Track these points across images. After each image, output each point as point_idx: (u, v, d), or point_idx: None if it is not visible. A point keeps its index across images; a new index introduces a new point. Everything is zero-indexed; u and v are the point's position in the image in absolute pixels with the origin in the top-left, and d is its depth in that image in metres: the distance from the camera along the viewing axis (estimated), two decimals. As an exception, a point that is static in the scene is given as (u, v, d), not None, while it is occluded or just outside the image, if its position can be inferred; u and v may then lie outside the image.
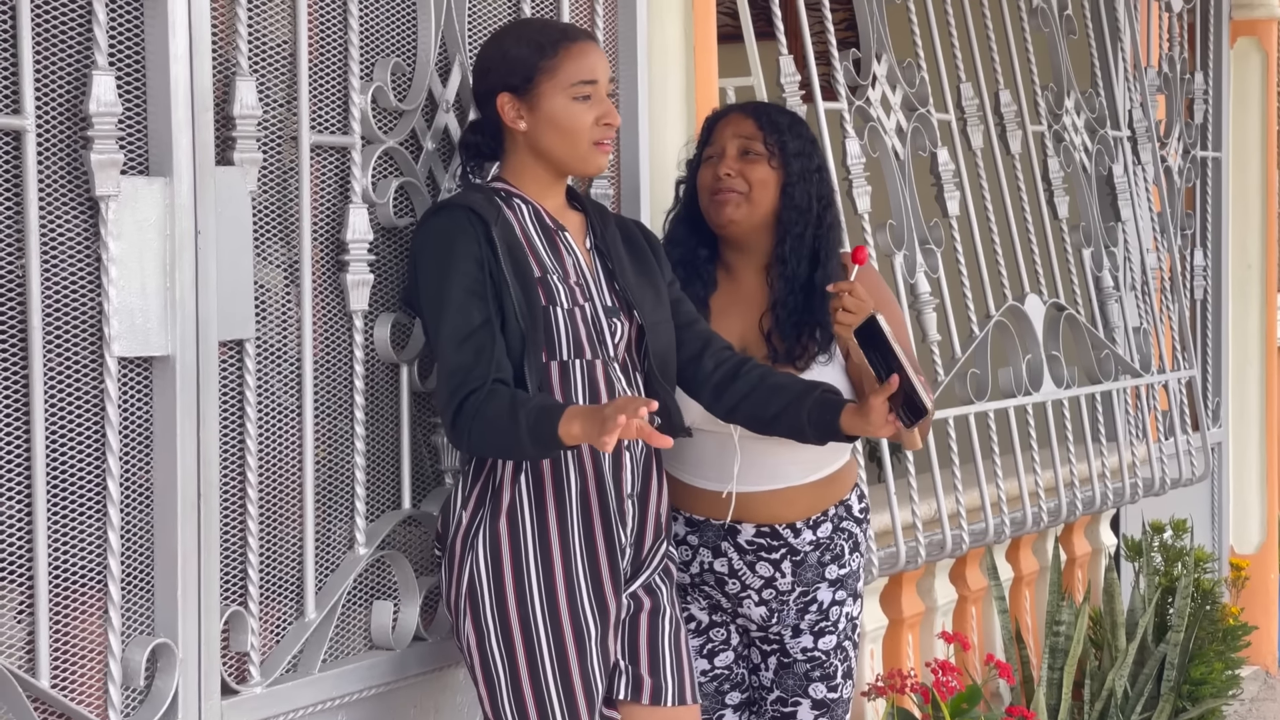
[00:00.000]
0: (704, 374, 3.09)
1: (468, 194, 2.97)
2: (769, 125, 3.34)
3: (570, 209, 3.06)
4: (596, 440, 2.66)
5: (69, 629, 2.60)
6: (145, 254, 2.65)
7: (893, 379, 2.84)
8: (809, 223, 3.33)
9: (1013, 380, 4.90)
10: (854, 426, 2.94)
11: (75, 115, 2.58)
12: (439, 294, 2.87)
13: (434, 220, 2.92)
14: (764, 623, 3.40)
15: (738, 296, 3.38)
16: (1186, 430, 5.92)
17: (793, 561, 3.36)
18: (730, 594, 3.39)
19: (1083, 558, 5.65)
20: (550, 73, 2.94)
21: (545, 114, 2.95)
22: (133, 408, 2.68)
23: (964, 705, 4.29)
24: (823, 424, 2.98)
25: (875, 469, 4.72)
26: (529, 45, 2.96)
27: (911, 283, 4.53)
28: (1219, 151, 6.73)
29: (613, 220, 3.12)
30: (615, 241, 3.06)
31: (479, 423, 2.80)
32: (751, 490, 3.33)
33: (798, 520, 3.36)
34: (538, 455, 2.81)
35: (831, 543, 3.39)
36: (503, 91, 2.96)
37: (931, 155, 4.69)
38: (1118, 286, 5.58)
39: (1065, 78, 5.42)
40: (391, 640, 3.11)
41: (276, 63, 2.93)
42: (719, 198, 3.32)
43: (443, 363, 2.86)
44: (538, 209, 2.99)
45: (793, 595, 3.38)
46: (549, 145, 2.97)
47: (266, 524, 2.91)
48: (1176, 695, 5.28)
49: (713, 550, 3.37)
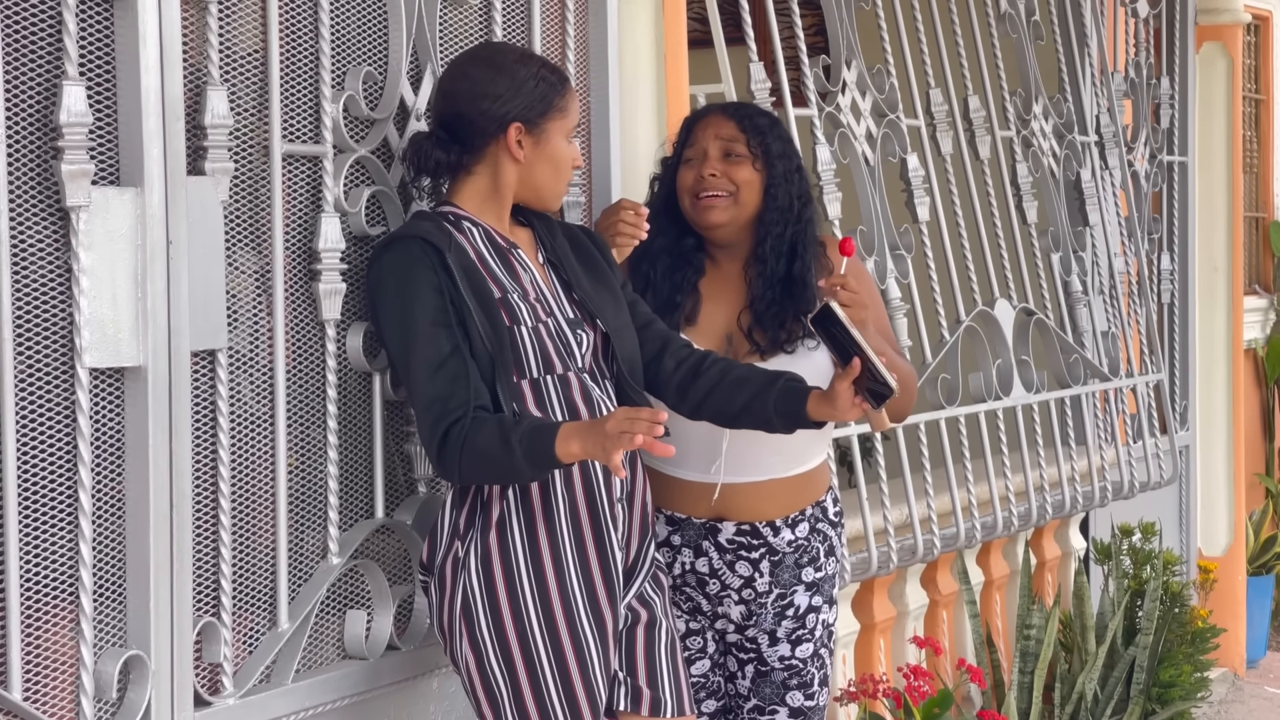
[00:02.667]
0: (666, 374, 3.09)
1: (417, 224, 2.95)
2: (751, 127, 3.35)
3: (517, 225, 3.07)
4: (601, 458, 2.68)
5: (41, 641, 2.59)
6: (116, 264, 2.64)
7: (854, 363, 2.85)
8: (789, 221, 3.35)
9: (983, 385, 4.92)
10: (820, 412, 2.94)
11: (45, 125, 2.57)
12: (404, 327, 2.86)
13: (387, 255, 2.90)
14: (742, 622, 3.40)
15: (722, 285, 3.40)
16: (1155, 433, 5.95)
17: (771, 562, 3.37)
18: (711, 594, 3.39)
19: (1052, 561, 5.67)
20: (561, 112, 2.98)
21: (548, 151, 2.97)
22: (104, 419, 2.67)
23: (936, 710, 4.30)
24: (789, 412, 2.98)
25: (846, 474, 4.72)
26: (544, 82, 2.97)
27: (882, 288, 4.53)
28: (1185, 156, 6.76)
29: (559, 229, 3.12)
30: (566, 252, 3.07)
31: (468, 454, 2.80)
32: (735, 481, 3.34)
33: (777, 518, 3.37)
34: (534, 478, 2.83)
35: (808, 544, 3.40)
36: (516, 121, 2.95)
37: (901, 161, 4.70)
38: (1086, 291, 5.61)
39: (1033, 83, 5.44)
40: (365, 650, 3.10)
41: (248, 72, 2.93)
42: (704, 201, 3.33)
43: (418, 395, 2.85)
44: (488, 230, 2.99)
45: (770, 598, 3.38)
46: (539, 180, 2.99)
47: (239, 534, 2.90)
48: (1146, 698, 5.30)
49: (694, 550, 3.38)
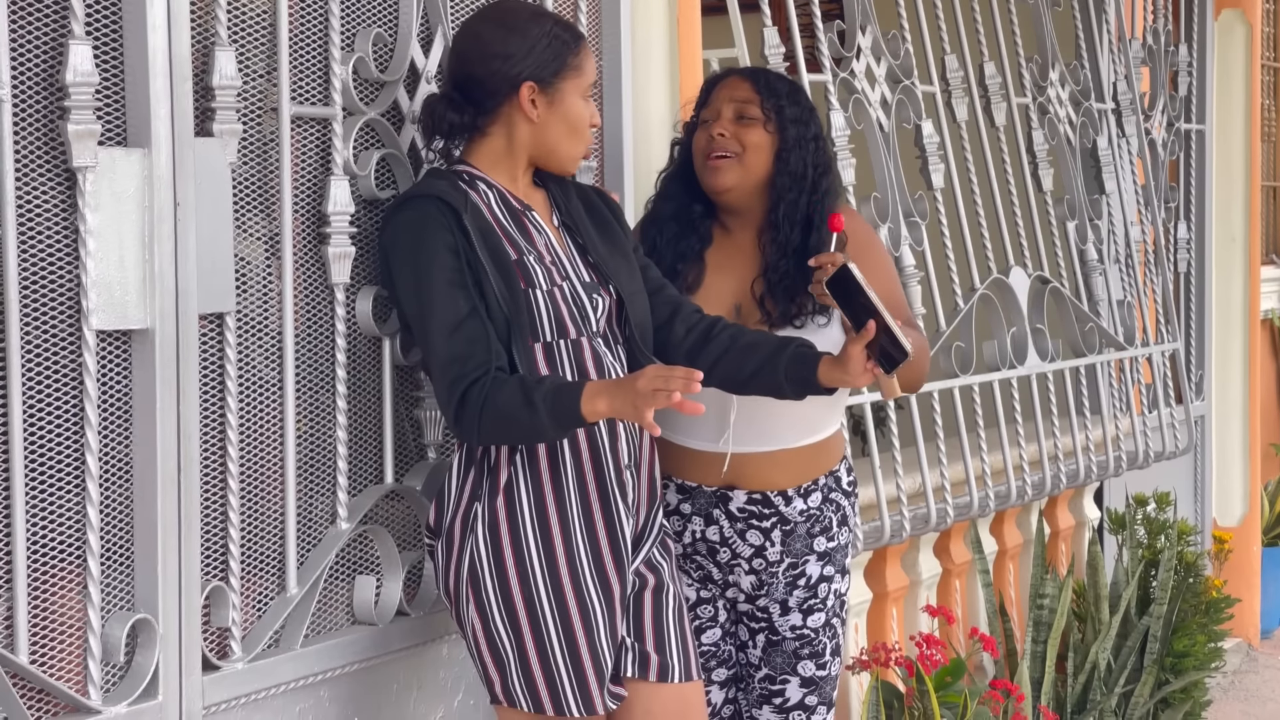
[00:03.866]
0: (676, 339, 3.07)
1: (432, 182, 2.92)
2: (766, 90, 3.32)
3: (533, 187, 3.04)
4: (631, 415, 2.69)
5: (48, 605, 2.59)
6: (123, 226, 2.62)
7: (869, 325, 2.82)
8: (804, 189, 3.31)
9: (997, 353, 4.90)
10: (831, 378, 2.91)
11: (52, 85, 2.55)
12: (420, 288, 2.83)
13: (402, 214, 2.88)
14: (753, 592, 3.38)
15: (733, 254, 3.36)
16: (1170, 403, 5.92)
17: (783, 531, 3.35)
18: (721, 563, 3.38)
19: (1066, 531, 5.65)
20: (576, 71, 2.94)
21: (562, 111, 2.94)
22: (112, 382, 2.66)
23: (948, 679, 4.28)
24: (799, 378, 2.95)
25: (860, 442, 4.70)
26: (557, 39, 2.93)
27: (896, 255, 4.51)
28: (1203, 124, 6.72)
29: (574, 191, 3.08)
30: (581, 216, 3.04)
31: (489, 414, 2.78)
32: (746, 451, 3.32)
33: (789, 487, 3.35)
34: (557, 437, 2.83)
35: (821, 514, 3.38)
36: (529, 80, 2.92)
37: (916, 128, 4.67)
38: (1102, 259, 5.57)
39: (1050, 50, 5.40)
40: (374, 615, 3.09)
41: (256, 33, 2.90)
42: (712, 162, 3.30)
43: (436, 356, 2.83)
44: (502, 191, 2.96)
45: (781, 567, 3.37)
46: (554, 141, 2.95)
47: (247, 499, 2.89)
48: (1159, 668, 5.29)
49: (705, 518, 3.36)
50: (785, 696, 3.39)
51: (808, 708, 3.40)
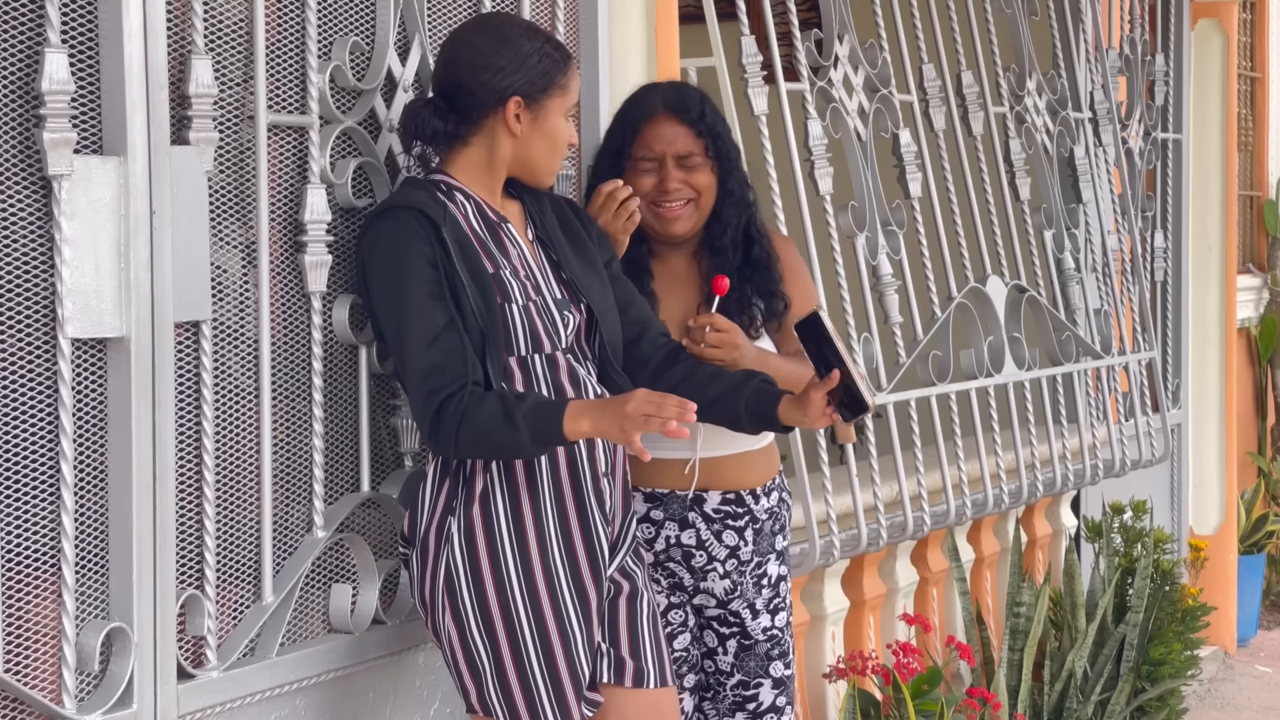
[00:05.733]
0: (642, 358, 3.08)
1: (410, 193, 2.91)
2: (705, 131, 3.30)
3: (507, 198, 3.04)
4: (618, 438, 2.70)
5: (22, 613, 2.58)
6: (99, 234, 2.62)
7: (833, 374, 2.84)
8: (743, 209, 3.35)
9: (974, 362, 4.91)
10: (790, 417, 2.93)
11: (27, 93, 2.55)
12: (398, 300, 2.83)
13: (380, 224, 2.87)
14: (726, 597, 3.41)
15: (674, 279, 3.40)
16: (1146, 412, 5.93)
17: (753, 530, 3.41)
18: (696, 568, 3.40)
19: (1043, 539, 5.67)
20: (563, 90, 2.95)
21: (546, 127, 2.95)
22: (87, 390, 2.65)
23: (925, 687, 4.29)
24: (759, 412, 2.97)
25: (837, 451, 4.71)
26: (547, 57, 2.94)
27: (874, 264, 4.52)
28: (1179, 133, 6.74)
29: (548, 203, 3.09)
30: (555, 230, 3.04)
31: (466, 429, 2.78)
32: (716, 455, 3.36)
33: (757, 486, 3.41)
34: (537, 454, 2.83)
35: (779, 512, 3.46)
36: (517, 95, 2.92)
37: (893, 136, 4.68)
38: (1079, 268, 5.59)
39: (1027, 59, 5.42)
40: (350, 624, 3.09)
41: (233, 41, 2.90)
42: (666, 210, 3.30)
43: (412, 367, 2.82)
44: (479, 202, 2.97)
45: (749, 567, 3.41)
46: (534, 156, 2.96)
47: (223, 507, 2.88)
48: (1136, 676, 5.30)
49: (680, 522, 3.38)
50: (759, 701, 3.43)
51: (778, 709, 3.45)
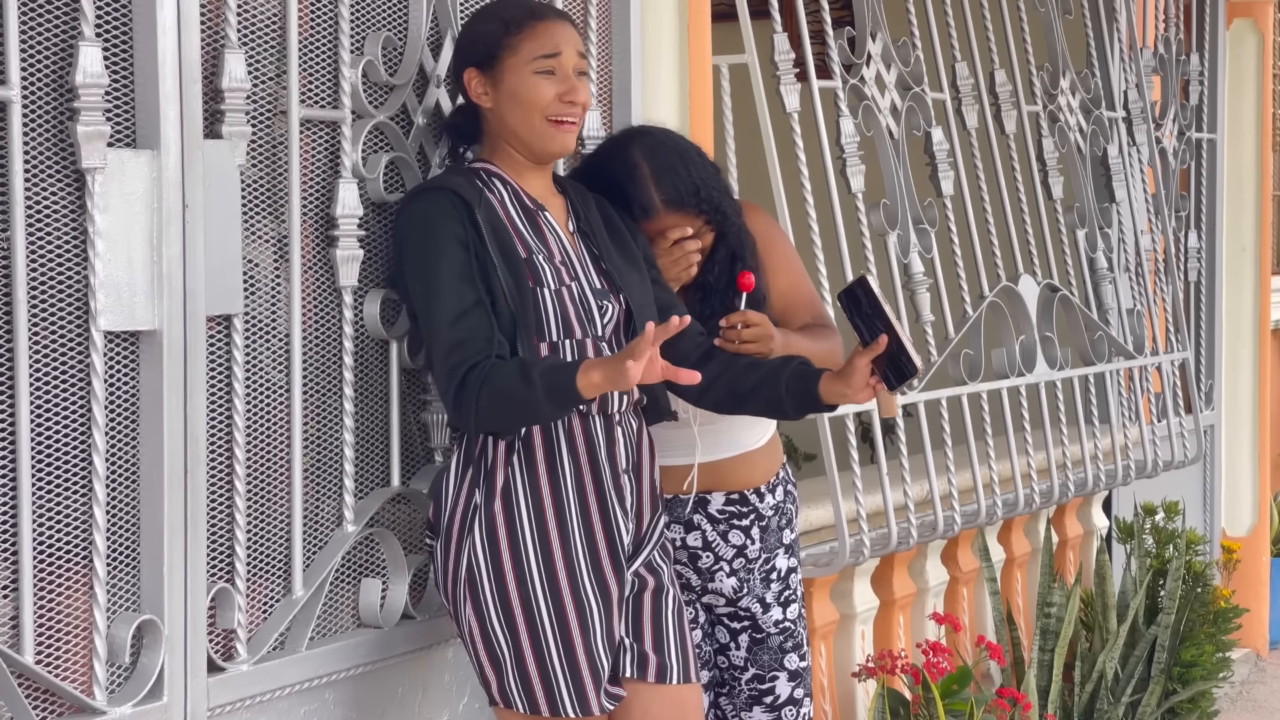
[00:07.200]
0: (679, 355, 3.06)
1: (449, 176, 2.96)
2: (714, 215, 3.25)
3: (553, 192, 3.05)
4: (623, 385, 2.69)
5: (54, 605, 2.59)
6: (132, 227, 2.62)
7: (881, 339, 2.81)
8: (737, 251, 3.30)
9: (1006, 361, 4.89)
10: (832, 392, 2.91)
11: (61, 87, 2.56)
12: (428, 278, 2.85)
13: (415, 204, 2.90)
14: (734, 595, 3.43)
15: None
16: (1179, 412, 5.91)
17: (760, 528, 3.42)
18: (703, 569, 3.41)
19: (1074, 539, 5.64)
20: (513, 49, 2.94)
21: (507, 90, 2.95)
22: (119, 383, 2.66)
23: (954, 686, 4.28)
24: (801, 391, 2.95)
25: (868, 449, 4.70)
26: (496, 21, 2.97)
27: (905, 262, 4.51)
28: (1214, 133, 6.71)
29: (594, 202, 3.10)
30: (599, 225, 3.05)
31: (487, 394, 2.78)
32: (717, 459, 3.37)
33: (761, 484, 3.42)
34: (553, 416, 2.82)
35: (784, 507, 3.47)
36: (470, 67, 2.98)
37: (926, 135, 4.67)
38: (1112, 268, 5.57)
39: (1061, 58, 5.40)
40: (379, 618, 3.09)
41: (266, 35, 2.91)
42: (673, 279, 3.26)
43: (439, 342, 2.83)
44: (517, 189, 2.98)
45: (757, 564, 3.43)
46: (512, 123, 2.96)
47: (254, 500, 2.89)
48: (1167, 677, 5.28)
49: (685, 525, 3.40)
50: (776, 694, 3.45)
51: (796, 701, 3.46)
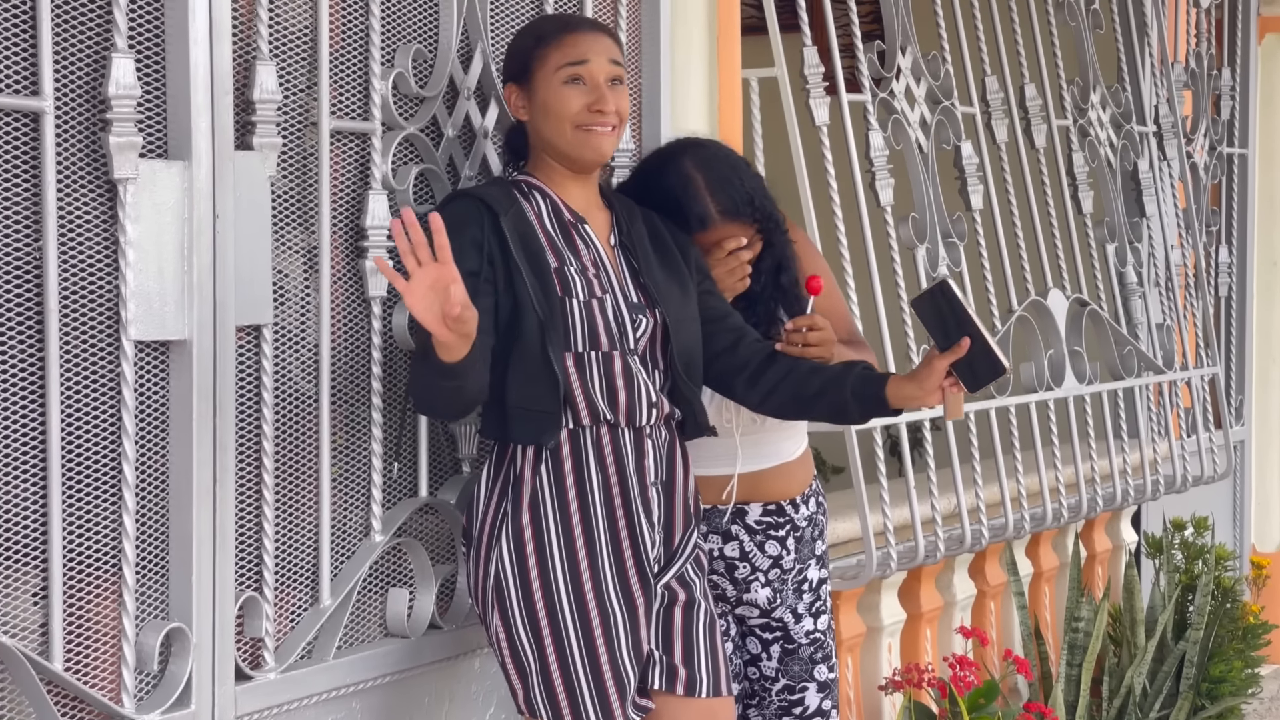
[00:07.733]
0: (739, 362, 3.07)
1: (484, 186, 3.01)
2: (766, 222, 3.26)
3: (599, 207, 3.07)
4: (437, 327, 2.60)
5: (83, 612, 2.60)
6: (163, 237, 2.64)
7: (964, 341, 2.82)
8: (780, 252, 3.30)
9: (1034, 375, 4.88)
10: (901, 395, 2.91)
11: (94, 97, 2.58)
12: None
13: (444, 209, 2.92)
14: (768, 606, 3.43)
15: None
16: (1209, 428, 5.89)
17: (795, 538, 3.43)
18: (739, 579, 3.41)
19: (1103, 554, 5.63)
20: (543, 60, 2.97)
21: (540, 102, 2.98)
22: (149, 392, 2.68)
23: (981, 700, 4.27)
24: (867, 395, 2.95)
25: (896, 463, 4.70)
26: (531, 36, 3.02)
27: (934, 276, 4.51)
28: (1245, 148, 6.69)
29: (640, 217, 3.11)
30: (641, 238, 3.06)
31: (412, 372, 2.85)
32: (756, 469, 3.38)
33: (796, 495, 3.43)
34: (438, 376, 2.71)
35: (816, 518, 3.48)
36: (509, 83, 3.02)
37: (955, 148, 4.67)
38: (1141, 282, 5.56)
39: (1091, 72, 5.39)
40: (407, 628, 3.10)
41: (297, 47, 2.93)
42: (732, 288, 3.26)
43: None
44: (557, 201, 3.00)
45: (791, 574, 3.43)
46: (547, 134, 2.98)
47: (282, 510, 2.90)
48: (1195, 693, 5.26)
49: (723, 535, 3.39)
50: (805, 705, 3.46)
51: (824, 713, 3.47)
